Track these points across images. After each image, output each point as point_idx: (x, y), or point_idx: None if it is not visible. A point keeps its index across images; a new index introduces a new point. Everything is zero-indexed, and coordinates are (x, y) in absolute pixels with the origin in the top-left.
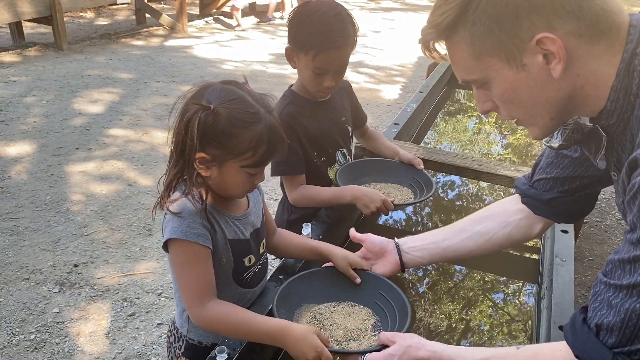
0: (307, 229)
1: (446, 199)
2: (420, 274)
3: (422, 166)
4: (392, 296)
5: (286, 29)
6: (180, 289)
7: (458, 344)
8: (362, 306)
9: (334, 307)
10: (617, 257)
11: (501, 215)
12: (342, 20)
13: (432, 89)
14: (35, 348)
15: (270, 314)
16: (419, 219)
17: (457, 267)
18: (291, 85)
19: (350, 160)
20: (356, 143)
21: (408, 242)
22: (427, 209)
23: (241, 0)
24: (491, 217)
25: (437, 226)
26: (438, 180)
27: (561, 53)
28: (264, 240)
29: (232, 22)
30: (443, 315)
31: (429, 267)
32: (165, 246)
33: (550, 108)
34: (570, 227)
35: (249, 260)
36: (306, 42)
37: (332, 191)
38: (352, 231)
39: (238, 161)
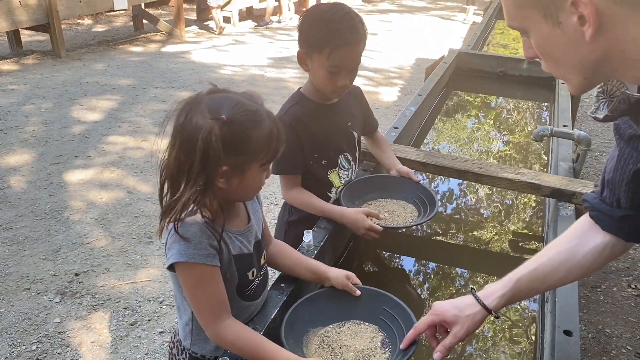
0: (308, 235)
1: (449, 203)
2: (421, 278)
3: (417, 180)
4: (396, 311)
5: (284, 32)
6: (194, 309)
7: (460, 345)
8: (367, 324)
9: (340, 327)
10: None
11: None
12: (352, 18)
13: (431, 91)
14: (37, 359)
15: (278, 338)
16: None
17: (459, 271)
18: (300, 88)
19: (354, 166)
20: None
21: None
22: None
23: None
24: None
25: (437, 232)
26: (437, 190)
27: (592, 18)
28: (264, 252)
29: (214, 25)
30: None
31: (428, 271)
32: (171, 266)
33: (583, 68)
34: None
35: (252, 273)
36: (320, 41)
37: (325, 207)
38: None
39: (257, 162)
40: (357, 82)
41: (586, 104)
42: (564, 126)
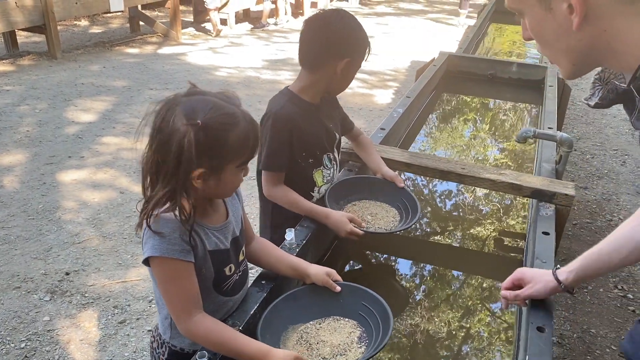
0: (290, 234)
1: (434, 203)
2: (404, 277)
3: (402, 184)
4: (374, 306)
5: (280, 34)
6: (167, 303)
7: (441, 342)
8: (347, 319)
9: (320, 324)
10: None
11: None
12: None
13: (420, 93)
14: (26, 356)
15: (254, 335)
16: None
17: (443, 270)
18: (287, 86)
19: (335, 165)
20: (342, 149)
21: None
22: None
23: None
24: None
25: (422, 232)
26: (421, 190)
27: (578, 8)
28: (243, 248)
29: (211, 27)
30: (422, 316)
31: (412, 270)
32: (146, 261)
33: (572, 55)
34: (551, 229)
35: (230, 269)
36: (362, 47)
37: (310, 207)
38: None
39: (234, 163)
40: (352, 84)
41: (579, 106)
42: (549, 128)
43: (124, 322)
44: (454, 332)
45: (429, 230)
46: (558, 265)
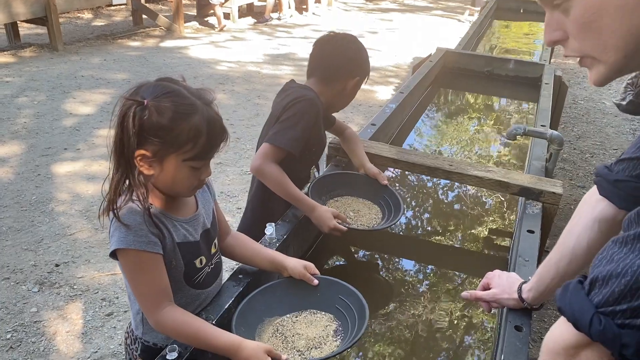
0: (270, 228)
1: (422, 199)
2: (387, 272)
3: (385, 182)
4: (351, 299)
5: (283, 29)
6: (136, 296)
7: (420, 340)
8: (323, 313)
9: (296, 317)
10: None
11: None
12: None
13: (414, 89)
14: (11, 347)
15: (229, 328)
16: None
17: (429, 266)
18: (305, 82)
19: (321, 166)
20: (330, 143)
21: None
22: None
23: None
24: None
25: (407, 228)
26: (409, 186)
27: None
28: (215, 241)
29: (215, 22)
30: (403, 313)
31: (395, 266)
32: (114, 254)
33: (630, 39)
34: (537, 227)
35: (200, 261)
36: (367, 68)
37: (297, 195)
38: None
39: (179, 155)
40: None
41: (581, 105)
42: (542, 126)
43: (111, 314)
44: (434, 330)
45: (414, 226)
46: (529, 278)
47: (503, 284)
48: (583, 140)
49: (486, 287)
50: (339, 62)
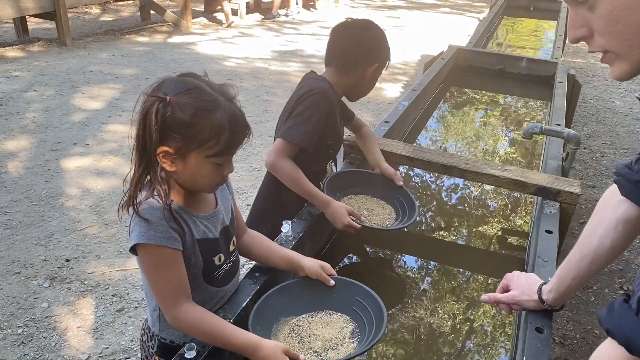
0: (286, 226)
1: (437, 198)
2: (403, 272)
3: (401, 183)
4: (368, 301)
5: (291, 26)
6: (154, 292)
7: (438, 340)
8: (340, 314)
9: (312, 317)
10: None
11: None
12: None
13: (426, 87)
14: (23, 342)
15: (245, 326)
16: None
17: (444, 266)
18: (322, 74)
19: (338, 160)
20: (345, 140)
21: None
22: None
23: None
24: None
25: (423, 227)
26: (424, 184)
27: None
28: (233, 238)
29: (223, 18)
30: (420, 313)
31: (411, 266)
32: (133, 249)
33: None
34: (555, 228)
35: (219, 258)
36: (387, 55)
37: (312, 190)
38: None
39: (202, 151)
40: None
41: (590, 104)
42: (557, 125)
43: (122, 310)
44: (452, 330)
45: (430, 226)
46: (549, 279)
47: (522, 285)
48: (593, 139)
49: (505, 289)
50: (357, 48)
